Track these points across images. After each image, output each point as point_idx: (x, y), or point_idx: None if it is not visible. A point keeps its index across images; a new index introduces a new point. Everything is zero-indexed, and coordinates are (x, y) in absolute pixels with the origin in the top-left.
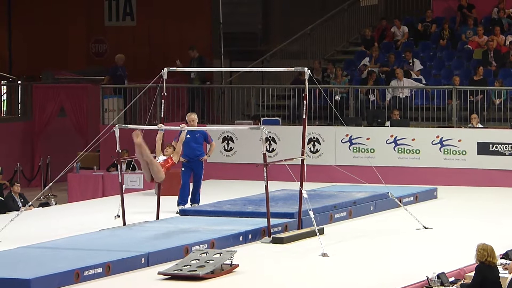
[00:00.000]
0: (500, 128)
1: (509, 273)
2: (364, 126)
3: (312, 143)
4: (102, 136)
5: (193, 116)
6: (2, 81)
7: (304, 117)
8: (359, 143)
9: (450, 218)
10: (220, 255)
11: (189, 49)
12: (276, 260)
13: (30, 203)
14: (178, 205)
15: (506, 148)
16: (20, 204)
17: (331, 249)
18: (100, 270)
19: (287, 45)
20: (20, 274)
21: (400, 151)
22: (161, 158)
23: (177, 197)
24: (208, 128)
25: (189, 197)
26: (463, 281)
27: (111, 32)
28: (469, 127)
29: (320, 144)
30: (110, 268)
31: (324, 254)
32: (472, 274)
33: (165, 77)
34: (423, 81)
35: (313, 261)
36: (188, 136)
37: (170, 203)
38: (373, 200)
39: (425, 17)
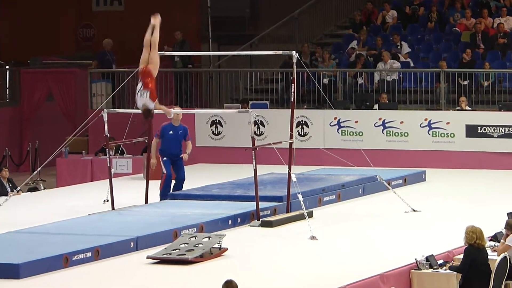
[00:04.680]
0: (488, 111)
1: (498, 255)
2: (352, 109)
3: (300, 126)
4: (90, 121)
5: (177, 109)
6: None
7: (292, 100)
8: (347, 126)
9: (439, 200)
10: (209, 239)
11: (175, 32)
12: (265, 244)
13: (19, 188)
14: (161, 199)
15: (494, 131)
16: (9, 189)
17: (320, 232)
18: (89, 254)
19: (275, 29)
20: (9, 259)
21: (388, 134)
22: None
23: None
24: (197, 111)
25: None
26: (452, 264)
27: (99, 17)
28: (457, 110)
29: (308, 127)
30: (99, 253)
31: (313, 237)
32: (461, 256)
33: None
34: (411, 64)
35: (302, 245)
36: (170, 133)
37: (158, 187)
38: (362, 183)
39: (413, 0)
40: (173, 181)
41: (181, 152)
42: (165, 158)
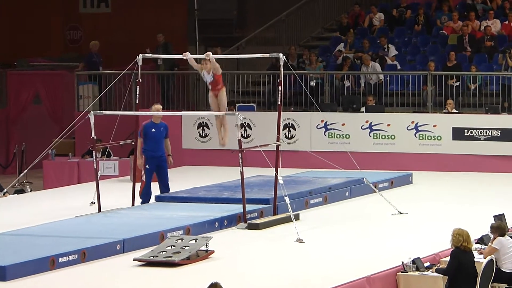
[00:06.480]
0: (475, 114)
1: (484, 258)
2: (339, 112)
3: (287, 129)
4: (77, 123)
5: (158, 107)
6: None
7: (279, 103)
8: (334, 129)
9: (425, 203)
10: (196, 241)
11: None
12: (252, 246)
13: (5, 190)
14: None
15: (481, 133)
16: None
17: (307, 234)
18: (75, 256)
19: (263, 31)
20: None
21: (375, 137)
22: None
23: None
24: (183, 113)
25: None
26: (439, 266)
27: (86, 19)
28: (444, 113)
29: (295, 130)
30: (85, 255)
31: (299, 240)
32: (448, 259)
33: (140, 63)
34: (398, 67)
35: (289, 247)
36: (153, 130)
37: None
38: (348, 185)
39: (400, 3)
40: (157, 185)
41: (164, 152)
42: (147, 166)
